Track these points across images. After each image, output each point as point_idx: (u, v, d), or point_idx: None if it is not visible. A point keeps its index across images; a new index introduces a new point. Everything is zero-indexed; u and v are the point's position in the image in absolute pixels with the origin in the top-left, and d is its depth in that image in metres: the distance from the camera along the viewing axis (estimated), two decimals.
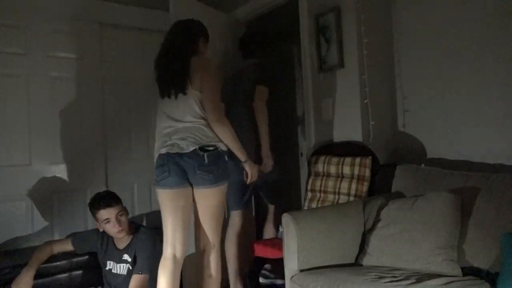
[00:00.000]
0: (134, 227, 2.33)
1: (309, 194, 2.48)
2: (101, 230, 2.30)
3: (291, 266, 1.80)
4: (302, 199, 2.62)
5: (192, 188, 2.06)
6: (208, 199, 2.06)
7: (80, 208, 3.01)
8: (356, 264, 1.86)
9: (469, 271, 1.62)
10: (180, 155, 1.99)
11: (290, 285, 1.77)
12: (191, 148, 1.97)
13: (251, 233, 2.95)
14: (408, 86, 2.47)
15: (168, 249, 2.03)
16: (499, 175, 1.73)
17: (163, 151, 2.03)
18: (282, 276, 1.94)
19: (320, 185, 2.41)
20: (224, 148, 2.07)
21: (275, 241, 2.52)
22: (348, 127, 2.48)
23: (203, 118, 2.02)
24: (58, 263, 2.38)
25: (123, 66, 3.26)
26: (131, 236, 2.28)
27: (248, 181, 2.22)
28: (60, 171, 2.95)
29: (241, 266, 2.55)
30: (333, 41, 2.51)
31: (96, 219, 2.26)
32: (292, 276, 1.77)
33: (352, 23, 2.42)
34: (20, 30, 2.81)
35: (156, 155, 2.08)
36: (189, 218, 2.12)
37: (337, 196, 2.31)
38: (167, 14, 2.83)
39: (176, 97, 2.02)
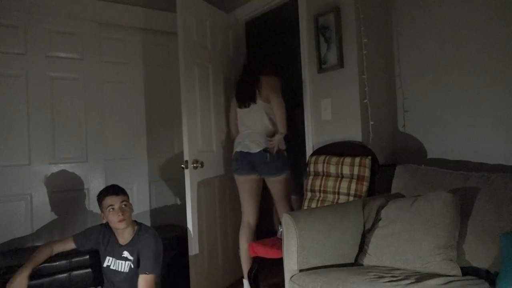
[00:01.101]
0: (136, 224, 2.34)
1: (309, 194, 2.48)
2: (104, 221, 2.31)
3: (290, 266, 1.80)
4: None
5: (259, 177, 2.77)
6: (275, 185, 2.74)
7: (80, 208, 3.02)
8: (355, 264, 1.86)
9: (468, 271, 1.62)
10: (250, 154, 2.69)
11: (290, 285, 1.76)
12: (257, 150, 2.66)
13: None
14: (408, 86, 2.47)
15: (244, 217, 2.81)
16: (499, 175, 1.73)
17: (238, 149, 2.76)
18: None
19: (320, 185, 2.41)
20: (281, 147, 2.71)
21: (274, 241, 2.52)
22: (347, 127, 2.49)
23: (265, 126, 2.71)
24: (58, 263, 2.38)
25: (123, 66, 3.27)
26: (133, 234, 2.29)
27: (275, 149, 2.68)
28: (60, 171, 2.95)
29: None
30: (332, 41, 2.51)
31: (102, 209, 2.29)
32: (292, 276, 1.77)
33: (351, 23, 2.42)
34: (20, 30, 2.82)
35: (234, 151, 2.81)
36: (258, 196, 2.83)
37: (336, 196, 2.31)
38: (167, 14, 2.84)
39: (249, 106, 2.72)
